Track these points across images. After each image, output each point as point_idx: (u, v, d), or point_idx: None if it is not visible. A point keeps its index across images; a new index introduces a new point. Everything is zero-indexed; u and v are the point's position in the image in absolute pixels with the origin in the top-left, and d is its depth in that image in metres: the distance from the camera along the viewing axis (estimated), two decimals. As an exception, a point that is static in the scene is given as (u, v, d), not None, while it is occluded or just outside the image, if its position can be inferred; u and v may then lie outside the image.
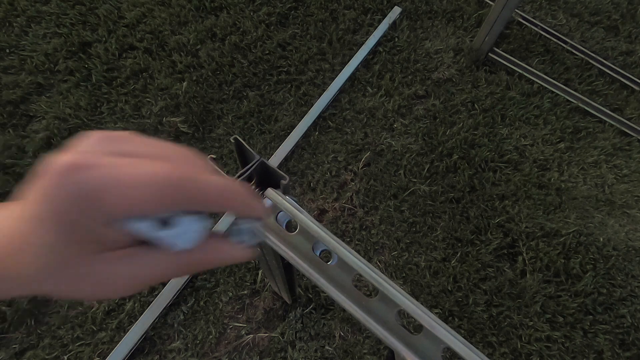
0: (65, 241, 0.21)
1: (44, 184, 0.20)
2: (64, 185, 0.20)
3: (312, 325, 1.29)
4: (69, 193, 0.20)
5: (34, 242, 0.21)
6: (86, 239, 0.21)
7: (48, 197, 0.20)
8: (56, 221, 0.20)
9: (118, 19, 1.83)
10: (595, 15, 2.19)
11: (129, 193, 0.21)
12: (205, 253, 0.25)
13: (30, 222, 0.21)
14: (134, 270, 0.23)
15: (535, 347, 1.30)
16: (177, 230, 0.23)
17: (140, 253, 0.23)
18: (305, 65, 1.81)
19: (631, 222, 1.58)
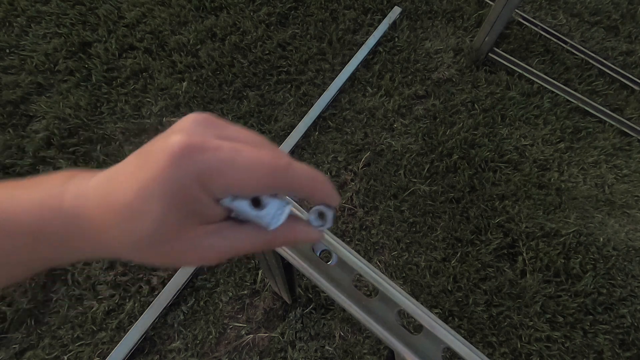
0: (176, 214, 0.23)
1: (160, 162, 0.22)
2: (181, 164, 0.22)
3: (312, 325, 1.29)
4: (186, 172, 0.22)
5: (145, 213, 0.23)
6: (194, 213, 0.24)
7: (164, 175, 0.22)
8: (170, 197, 0.23)
9: (118, 19, 1.83)
10: (595, 15, 2.19)
11: (238, 175, 0.23)
12: (286, 232, 0.28)
13: (144, 196, 0.23)
14: (226, 243, 0.26)
15: (535, 347, 1.30)
16: (268, 210, 0.26)
17: (233, 228, 0.26)
18: (305, 65, 1.81)
19: (631, 222, 1.58)
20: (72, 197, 0.25)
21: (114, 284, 1.29)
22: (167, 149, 0.23)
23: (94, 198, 0.24)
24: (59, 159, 1.47)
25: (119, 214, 0.23)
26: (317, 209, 0.29)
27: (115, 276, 1.30)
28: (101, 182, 0.25)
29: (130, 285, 1.30)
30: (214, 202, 0.24)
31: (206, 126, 0.25)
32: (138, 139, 1.56)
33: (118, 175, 0.24)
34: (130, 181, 0.23)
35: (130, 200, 0.23)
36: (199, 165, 0.23)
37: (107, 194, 0.24)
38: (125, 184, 0.23)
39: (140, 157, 0.24)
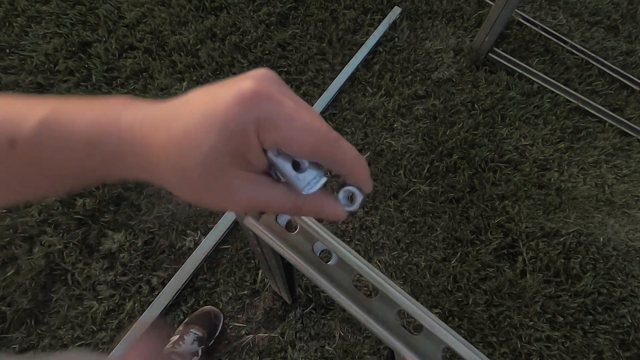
0: (229, 152, 0.24)
1: (228, 100, 0.24)
2: (246, 107, 0.24)
3: (312, 325, 1.29)
4: (249, 115, 0.24)
5: (202, 144, 0.24)
6: (242, 156, 0.25)
7: (229, 112, 0.24)
8: (229, 133, 0.24)
9: (118, 19, 1.83)
10: (595, 15, 2.19)
11: (293, 134, 0.25)
12: (316, 201, 0.29)
13: (205, 127, 0.24)
14: (260, 194, 0.27)
15: (535, 347, 1.30)
16: (306, 175, 0.28)
17: (269, 182, 0.27)
18: (305, 65, 1.81)
19: (631, 222, 1.58)
20: (130, 118, 0.26)
21: (114, 284, 1.30)
22: (238, 91, 0.24)
23: (153, 122, 0.26)
24: (59, 159, 1.47)
25: (177, 141, 0.24)
26: (348, 189, 0.30)
27: (115, 276, 1.30)
28: (165, 109, 0.26)
29: (130, 285, 1.30)
30: (261, 152, 0.26)
31: (275, 82, 0.26)
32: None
33: (184, 106, 0.26)
34: (195, 113, 0.25)
35: (192, 129, 0.24)
36: (261, 112, 0.24)
37: (170, 119, 0.25)
38: (189, 115, 0.25)
39: (208, 94, 0.25)
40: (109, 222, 1.39)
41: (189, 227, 1.41)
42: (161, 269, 1.33)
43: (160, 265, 1.34)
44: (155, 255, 1.35)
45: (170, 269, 1.33)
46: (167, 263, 1.34)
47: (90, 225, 1.38)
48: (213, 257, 1.36)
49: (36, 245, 1.33)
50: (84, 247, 1.35)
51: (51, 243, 1.33)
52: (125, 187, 1.44)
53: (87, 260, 1.33)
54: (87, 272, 1.30)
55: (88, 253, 1.34)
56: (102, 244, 1.35)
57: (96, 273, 1.30)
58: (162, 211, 1.42)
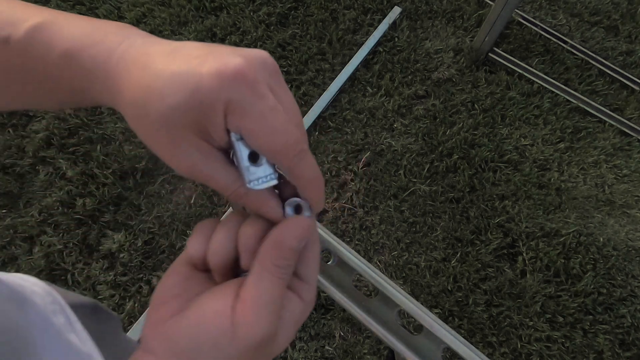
0: (191, 117, 0.24)
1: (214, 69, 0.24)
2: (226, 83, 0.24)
3: (312, 325, 1.29)
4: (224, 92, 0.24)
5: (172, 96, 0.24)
6: (202, 124, 0.25)
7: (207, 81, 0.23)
8: (197, 102, 0.24)
9: (118, 19, 1.83)
10: (595, 15, 2.19)
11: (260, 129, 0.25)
12: (257, 199, 0.28)
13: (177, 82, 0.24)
14: (206, 166, 0.26)
15: (535, 347, 1.30)
16: (259, 170, 0.27)
17: (222, 159, 0.27)
18: (305, 65, 1.81)
19: (631, 222, 1.58)
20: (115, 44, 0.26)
21: (114, 284, 1.30)
22: (224, 64, 0.24)
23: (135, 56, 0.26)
24: (59, 159, 1.47)
25: (147, 84, 0.25)
26: (297, 201, 0.29)
27: (115, 276, 1.30)
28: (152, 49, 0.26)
29: (130, 285, 1.30)
30: (224, 131, 0.25)
31: (267, 69, 0.26)
32: (138, 139, 1.56)
33: (170, 54, 0.25)
34: (175, 65, 0.25)
35: (165, 79, 0.24)
36: (236, 95, 0.24)
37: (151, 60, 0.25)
38: (169, 64, 0.25)
39: (199, 53, 0.25)
40: (109, 222, 1.39)
41: (189, 227, 1.41)
42: (161, 269, 1.33)
43: (160, 265, 1.34)
44: (155, 255, 1.35)
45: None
46: (167, 263, 1.34)
47: (90, 225, 1.38)
48: (213, 257, 1.37)
49: (36, 245, 1.33)
50: (84, 247, 1.35)
51: (51, 243, 1.33)
52: (125, 187, 1.45)
53: (87, 260, 1.33)
54: (87, 272, 1.30)
55: (88, 253, 1.34)
56: (102, 244, 1.35)
57: (96, 273, 1.30)
58: (162, 211, 1.42)
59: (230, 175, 0.27)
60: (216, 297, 0.27)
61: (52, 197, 1.40)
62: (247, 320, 0.25)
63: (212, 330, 0.25)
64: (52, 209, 1.38)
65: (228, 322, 0.25)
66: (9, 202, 1.40)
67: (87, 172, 1.45)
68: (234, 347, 0.25)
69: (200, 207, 1.44)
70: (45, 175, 1.44)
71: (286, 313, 0.27)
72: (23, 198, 1.41)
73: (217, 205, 1.45)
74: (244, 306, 0.25)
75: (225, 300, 0.26)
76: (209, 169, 0.26)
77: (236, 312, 0.25)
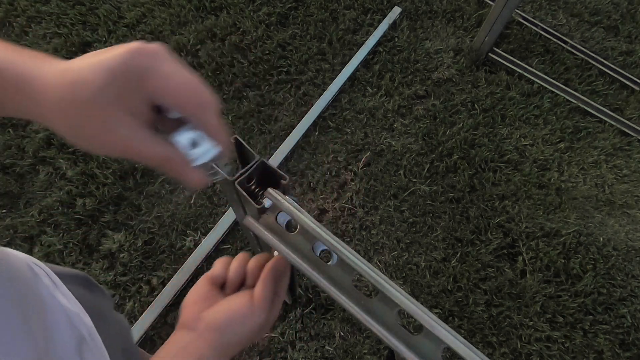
0: (113, 92, 0.28)
1: (120, 50, 0.29)
2: (135, 56, 0.29)
3: (312, 325, 1.29)
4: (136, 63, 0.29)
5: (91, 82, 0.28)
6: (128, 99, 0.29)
7: (118, 58, 0.28)
8: (115, 75, 0.28)
9: (118, 19, 1.84)
10: (595, 15, 2.19)
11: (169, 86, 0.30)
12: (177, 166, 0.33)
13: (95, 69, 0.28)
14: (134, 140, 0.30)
15: (535, 347, 1.30)
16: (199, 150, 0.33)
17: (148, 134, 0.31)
18: (305, 65, 1.81)
19: (631, 222, 1.58)
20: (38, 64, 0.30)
21: (114, 284, 1.30)
22: (128, 46, 0.29)
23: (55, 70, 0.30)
24: (58, 159, 1.47)
25: (70, 81, 0.28)
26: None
27: (115, 276, 1.30)
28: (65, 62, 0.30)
29: (130, 285, 1.30)
30: (143, 99, 0.30)
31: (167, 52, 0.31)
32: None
33: (80, 59, 0.30)
34: (89, 61, 0.29)
35: (84, 72, 0.28)
36: (145, 62, 0.29)
37: (66, 68, 0.29)
38: (83, 62, 0.29)
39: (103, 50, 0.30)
40: (109, 222, 1.39)
41: (189, 227, 1.41)
42: (161, 269, 1.33)
43: (160, 265, 1.34)
44: (155, 255, 1.35)
45: (170, 269, 1.33)
46: (167, 263, 1.34)
47: (90, 225, 1.38)
48: (213, 257, 1.36)
49: (36, 245, 1.33)
50: (84, 247, 1.35)
51: (51, 243, 1.33)
52: (125, 187, 1.45)
53: (87, 260, 1.33)
54: (87, 272, 1.30)
55: (88, 253, 1.34)
56: (102, 244, 1.35)
57: (96, 273, 1.30)
58: (162, 211, 1.42)
59: (157, 146, 0.31)
60: (239, 297, 0.46)
61: (52, 197, 1.40)
62: (259, 307, 0.44)
63: (240, 313, 0.44)
64: (52, 209, 1.38)
65: (249, 309, 0.44)
66: (9, 202, 1.40)
67: (87, 172, 1.45)
68: (252, 322, 0.44)
69: (200, 207, 1.44)
70: (45, 175, 1.44)
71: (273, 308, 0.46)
72: (23, 198, 1.41)
73: (217, 205, 1.45)
74: (257, 300, 0.45)
75: (245, 297, 0.45)
76: (138, 142, 0.30)
77: (253, 303, 0.44)
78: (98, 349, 0.43)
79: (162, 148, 0.31)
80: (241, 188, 0.44)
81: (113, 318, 0.58)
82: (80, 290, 0.49)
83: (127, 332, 0.62)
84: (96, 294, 0.56)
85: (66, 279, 0.47)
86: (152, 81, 0.29)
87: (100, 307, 0.52)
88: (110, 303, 0.61)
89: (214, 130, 0.33)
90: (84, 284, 0.53)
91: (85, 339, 0.42)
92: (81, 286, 0.51)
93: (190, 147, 0.33)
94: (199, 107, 0.31)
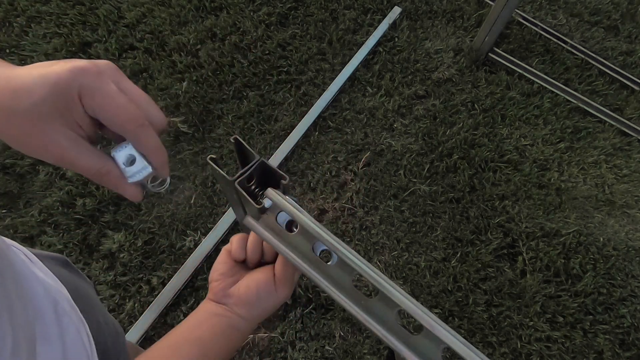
0: (55, 106, 0.30)
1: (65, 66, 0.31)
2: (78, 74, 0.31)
3: (312, 325, 1.29)
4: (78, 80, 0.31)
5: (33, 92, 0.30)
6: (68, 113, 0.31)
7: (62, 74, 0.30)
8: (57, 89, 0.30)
9: (118, 19, 1.83)
10: (595, 15, 2.19)
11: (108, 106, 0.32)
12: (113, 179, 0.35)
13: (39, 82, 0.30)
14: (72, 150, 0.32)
15: (535, 347, 1.30)
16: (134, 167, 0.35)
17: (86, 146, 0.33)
18: (305, 65, 1.81)
19: (631, 222, 1.58)
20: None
21: (114, 284, 1.30)
22: (73, 63, 0.31)
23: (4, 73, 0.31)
24: (59, 159, 1.47)
25: (13, 89, 0.30)
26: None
27: (115, 276, 1.30)
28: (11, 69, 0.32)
29: (130, 285, 1.30)
30: (83, 114, 0.32)
31: (113, 72, 0.33)
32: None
33: (27, 68, 0.32)
34: (34, 72, 0.31)
35: (28, 82, 0.30)
36: (87, 82, 0.31)
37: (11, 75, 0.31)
38: (29, 72, 0.31)
39: (49, 63, 0.32)
40: (109, 222, 1.39)
41: (189, 227, 1.41)
42: (161, 269, 1.33)
43: (160, 265, 1.34)
44: (155, 255, 1.35)
45: (170, 269, 1.33)
46: (167, 263, 1.34)
47: (90, 225, 1.38)
48: (213, 257, 1.36)
49: (36, 245, 1.33)
50: (84, 247, 1.35)
51: (51, 243, 1.33)
52: (125, 187, 1.44)
53: (87, 260, 1.33)
54: (87, 272, 1.30)
55: (88, 253, 1.34)
56: (102, 244, 1.35)
57: (96, 273, 1.30)
58: (162, 211, 1.42)
59: (93, 159, 0.33)
60: (262, 272, 0.50)
61: (52, 197, 1.40)
62: (282, 283, 0.49)
63: (264, 288, 0.49)
64: (52, 209, 1.38)
65: (272, 284, 0.49)
66: (9, 202, 1.40)
67: (87, 172, 1.45)
68: (276, 296, 0.49)
69: (200, 207, 1.44)
70: (45, 175, 1.44)
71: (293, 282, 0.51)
72: (23, 198, 1.41)
73: (217, 205, 1.45)
74: (279, 276, 0.50)
75: (268, 273, 0.50)
76: (74, 153, 0.32)
77: (275, 279, 0.50)
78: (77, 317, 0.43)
79: (97, 161, 0.33)
80: (241, 188, 0.44)
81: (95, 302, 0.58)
82: (57, 269, 0.48)
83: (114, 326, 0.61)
84: (74, 274, 0.55)
85: (43, 259, 0.47)
86: (93, 99, 0.31)
87: (78, 285, 0.51)
88: (91, 287, 0.61)
89: (149, 151, 0.35)
90: (61, 264, 0.53)
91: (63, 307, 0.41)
92: (59, 265, 0.51)
93: (128, 164, 0.34)
94: (136, 128, 0.33)
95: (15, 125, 0.31)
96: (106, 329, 0.53)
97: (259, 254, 0.52)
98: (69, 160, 0.32)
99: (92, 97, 0.31)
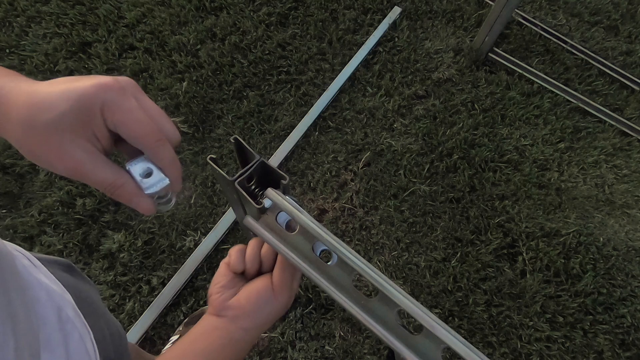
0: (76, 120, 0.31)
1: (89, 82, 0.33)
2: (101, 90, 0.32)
3: (312, 325, 1.29)
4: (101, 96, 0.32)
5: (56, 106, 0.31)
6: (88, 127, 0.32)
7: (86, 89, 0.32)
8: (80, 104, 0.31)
9: (118, 19, 1.84)
10: (595, 15, 2.19)
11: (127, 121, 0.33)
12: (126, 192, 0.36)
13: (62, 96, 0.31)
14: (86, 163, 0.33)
15: (535, 347, 1.30)
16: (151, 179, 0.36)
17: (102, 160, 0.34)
18: (305, 65, 1.81)
19: (631, 222, 1.58)
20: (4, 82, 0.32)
21: (114, 284, 1.30)
22: (97, 80, 0.33)
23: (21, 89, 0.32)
24: (59, 159, 1.47)
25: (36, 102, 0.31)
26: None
27: (115, 276, 1.30)
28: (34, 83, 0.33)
29: (130, 285, 1.30)
30: (105, 129, 0.33)
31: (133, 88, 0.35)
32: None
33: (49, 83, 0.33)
34: (57, 87, 0.32)
35: (53, 96, 0.31)
36: (109, 97, 0.32)
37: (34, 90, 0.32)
38: (52, 87, 0.32)
39: (73, 78, 0.33)
40: (109, 222, 1.39)
41: (189, 227, 1.41)
42: (161, 269, 1.33)
43: (160, 265, 1.34)
44: (155, 255, 1.35)
45: (170, 269, 1.33)
46: (167, 263, 1.34)
47: (90, 225, 1.38)
48: (213, 257, 1.37)
49: (36, 245, 1.33)
50: (84, 247, 1.35)
51: (51, 243, 1.33)
52: (125, 187, 1.44)
53: (87, 260, 1.33)
54: (87, 272, 1.30)
55: (88, 253, 1.34)
56: (102, 244, 1.35)
57: (96, 273, 1.30)
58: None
59: (108, 172, 0.34)
60: (260, 281, 0.50)
61: (52, 197, 1.40)
62: (280, 290, 0.49)
63: (263, 297, 0.48)
64: (52, 209, 1.38)
65: (271, 293, 0.49)
66: (9, 202, 1.40)
67: (87, 172, 1.45)
68: (275, 305, 0.49)
69: (200, 207, 1.44)
70: (45, 175, 1.44)
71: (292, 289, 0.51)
72: (23, 198, 1.41)
73: (217, 205, 1.45)
74: (277, 284, 0.49)
75: (266, 282, 0.50)
76: (91, 165, 0.33)
77: (274, 287, 0.49)
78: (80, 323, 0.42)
79: (113, 174, 0.34)
80: (241, 188, 0.44)
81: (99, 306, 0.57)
82: (61, 274, 0.48)
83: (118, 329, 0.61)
84: (78, 279, 0.55)
85: (47, 264, 0.47)
86: (115, 115, 0.33)
87: (82, 290, 0.50)
88: (95, 291, 0.60)
89: (166, 165, 0.36)
90: (65, 269, 0.52)
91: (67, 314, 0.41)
92: (62, 270, 0.51)
93: (144, 177, 0.36)
94: (154, 142, 0.35)
95: (32, 138, 0.31)
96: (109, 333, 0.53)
97: (257, 264, 0.52)
98: (84, 172, 0.33)
99: (114, 112, 0.32)
